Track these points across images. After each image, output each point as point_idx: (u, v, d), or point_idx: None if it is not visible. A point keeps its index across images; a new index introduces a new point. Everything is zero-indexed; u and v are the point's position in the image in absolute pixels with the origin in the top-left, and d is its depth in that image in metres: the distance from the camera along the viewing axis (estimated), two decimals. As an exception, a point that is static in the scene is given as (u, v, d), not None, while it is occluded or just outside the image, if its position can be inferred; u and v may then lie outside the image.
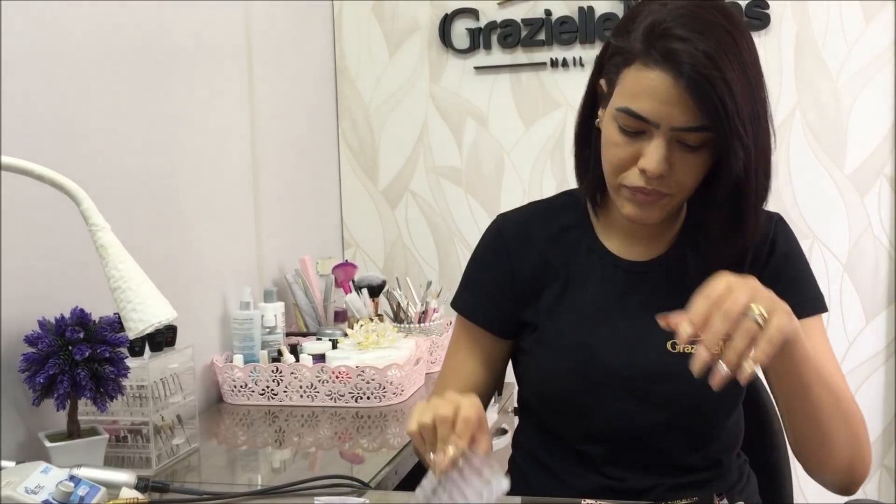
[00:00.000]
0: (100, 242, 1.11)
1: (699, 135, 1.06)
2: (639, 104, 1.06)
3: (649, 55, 1.05)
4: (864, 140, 2.39)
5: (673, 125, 1.05)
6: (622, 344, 1.18)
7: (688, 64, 1.02)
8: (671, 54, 1.03)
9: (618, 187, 1.13)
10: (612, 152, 1.11)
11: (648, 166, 1.07)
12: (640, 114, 1.06)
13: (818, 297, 1.22)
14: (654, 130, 1.07)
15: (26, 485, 1.07)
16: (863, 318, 2.44)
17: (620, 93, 1.09)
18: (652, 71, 1.04)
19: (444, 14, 2.58)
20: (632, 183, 1.11)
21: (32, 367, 1.30)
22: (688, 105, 1.03)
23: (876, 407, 2.47)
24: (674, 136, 1.07)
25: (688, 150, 1.08)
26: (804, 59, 2.41)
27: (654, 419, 1.17)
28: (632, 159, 1.10)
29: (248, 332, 1.93)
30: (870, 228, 2.41)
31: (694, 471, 1.21)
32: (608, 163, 1.13)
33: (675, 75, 1.03)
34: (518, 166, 2.60)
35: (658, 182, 1.09)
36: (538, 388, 1.25)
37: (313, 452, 1.61)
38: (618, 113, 1.09)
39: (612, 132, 1.11)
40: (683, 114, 1.04)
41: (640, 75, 1.06)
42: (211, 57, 1.97)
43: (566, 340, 1.20)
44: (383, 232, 2.72)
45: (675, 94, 1.04)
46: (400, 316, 2.19)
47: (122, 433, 1.47)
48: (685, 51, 1.02)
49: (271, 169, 2.24)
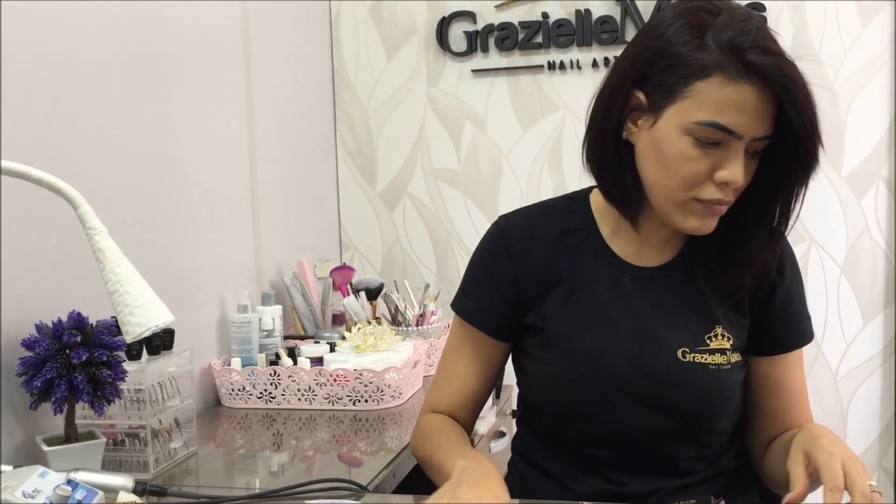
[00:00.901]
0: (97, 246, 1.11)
1: (765, 144, 1.09)
2: (726, 117, 1.05)
3: (734, 67, 1.05)
4: (861, 142, 2.40)
5: (754, 136, 1.07)
6: (630, 350, 1.17)
7: (778, 80, 1.04)
8: (758, 66, 1.04)
9: (686, 202, 1.11)
10: (687, 167, 1.09)
11: (735, 179, 1.07)
12: (728, 127, 1.06)
13: (810, 324, 1.26)
14: (733, 142, 1.07)
15: (24, 489, 1.07)
16: (860, 321, 2.44)
17: (696, 106, 1.06)
18: (739, 84, 1.05)
19: (442, 17, 2.58)
20: (709, 196, 1.09)
21: (30, 370, 1.30)
22: (767, 115, 1.06)
23: (873, 409, 2.47)
24: (748, 147, 1.08)
25: (749, 157, 1.10)
26: (801, 61, 2.39)
27: (661, 425, 1.17)
28: (708, 173, 1.09)
29: (246, 336, 1.93)
30: (867, 231, 2.42)
31: (696, 474, 1.21)
32: (680, 178, 1.10)
33: (762, 86, 1.04)
34: (516, 169, 2.60)
35: (733, 192, 1.10)
36: (543, 392, 1.24)
37: (311, 455, 1.61)
38: (696, 126, 1.07)
39: (685, 146, 1.08)
40: (764, 124, 1.07)
41: (724, 88, 1.05)
42: (209, 61, 1.97)
43: (573, 345, 1.19)
44: (381, 235, 2.72)
45: (761, 107, 1.05)
46: (398, 319, 2.19)
47: (120, 437, 1.47)
48: (772, 63, 1.04)
49: (269, 172, 2.24)
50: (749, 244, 1.16)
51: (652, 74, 1.10)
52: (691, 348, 1.17)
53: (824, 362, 2.46)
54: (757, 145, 1.09)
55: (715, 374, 1.16)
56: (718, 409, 1.18)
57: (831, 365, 2.46)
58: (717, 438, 1.22)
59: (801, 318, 1.25)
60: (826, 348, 2.45)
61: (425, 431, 1.26)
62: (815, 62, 2.40)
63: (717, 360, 1.17)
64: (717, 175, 1.08)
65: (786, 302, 1.22)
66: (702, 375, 1.16)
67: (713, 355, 1.17)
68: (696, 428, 1.18)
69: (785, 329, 1.23)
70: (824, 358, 2.45)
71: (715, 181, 1.09)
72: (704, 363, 1.16)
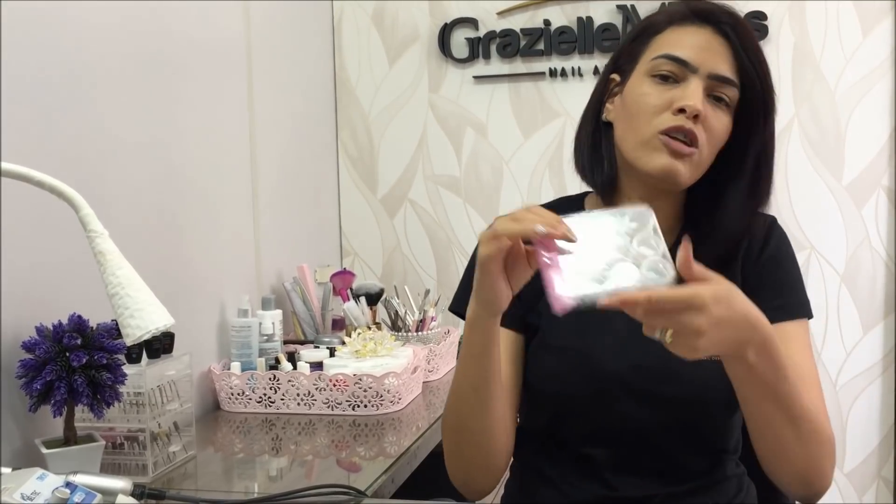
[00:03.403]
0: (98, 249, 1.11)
1: (732, 92, 1.13)
2: (678, 50, 1.13)
3: (684, 18, 1.14)
4: (862, 151, 2.40)
5: (710, 71, 1.12)
6: (623, 346, 1.18)
7: (727, 20, 1.13)
8: (708, 13, 1.13)
9: (651, 138, 1.13)
10: (644, 100, 1.14)
11: (688, 101, 1.10)
12: (679, 56, 1.12)
13: (803, 302, 1.21)
14: (690, 76, 1.12)
15: (22, 491, 1.07)
16: (860, 329, 2.44)
17: (653, 52, 1.15)
18: (691, 26, 1.14)
19: (444, 24, 2.59)
20: (668, 124, 1.12)
21: (29, 373, 1.30)
22: (727, 57, 1.12)
23: (873, 418, 2.47)
24: (708, 87, 1.12)
25: (717, 107, 1.13)
26: (802, 70, 2.42)
27: (657, 420, 1.17)
28: (666, 105, 1.12)
29: (246, 340, 1.93)
30: (867, 239, 2.42)
31: (694, 476, 1.21)
32: (637, 113, 1.14)
33: (717, 29, 1.13)
34: (517, 176, 2.60)
35: (694, 125, 1.11)
36: (539, 390, 1.24)
37: (310, 460, 1.61)
38: (652, 63, 1.14)
39: (644, 85, 1.14)
40: (723, 63, 1.12)
41: (676, 31, 1.15)
42: (211, 66, 1.98)
43: (567, 342, 1.20)
44: (382, 240, 2.72)
45: (715, 44, 1.12)
46: (398, 324, 2.19)
47: (119, 440, 1.47)
48: (721, 11, 1.13)
49: (270, 177, 2.24)
50: (728, 207, 1.17)
51: (619, 57, 1.21)
52: None
53: (824, 371, 2.46)
54: (720, 89, 1.13)
55: (708, 365, 1.12)
56: (712, 402, 1.17)
57: (831, 374, 2.46)
58: (714, 433, 1.21)
59: (789, 290, 1.20)
60: (825, 357, 2.45)
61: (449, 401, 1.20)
62: (815, 71, 2.41)
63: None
64: (675, 104, 1.12)
65: (765, 271, 1.19)
66: (694, 368, 1.11)
67: None
68: (691, 421, 1.18)
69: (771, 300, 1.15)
70: (824, 367, 2.45)
71: (672, 110, 1.12)
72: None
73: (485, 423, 1.14)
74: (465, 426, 1.16)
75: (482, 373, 1.10)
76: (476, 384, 1.11)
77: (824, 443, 1.10)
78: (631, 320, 1.17)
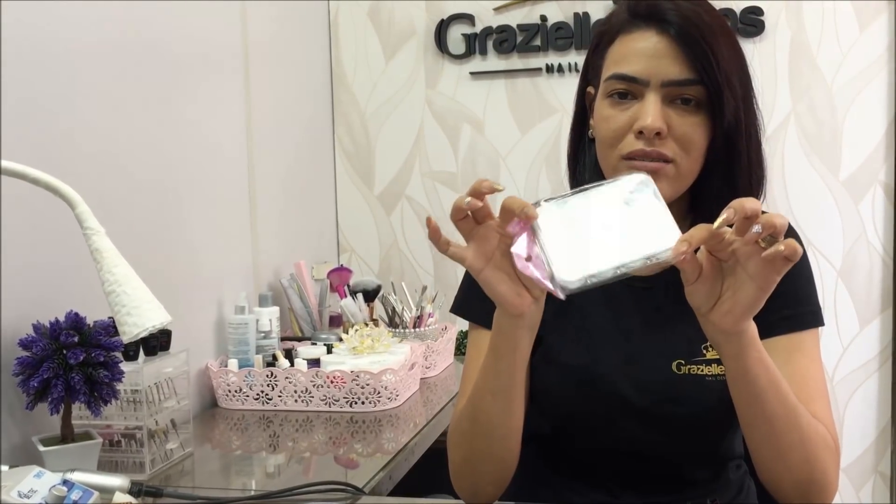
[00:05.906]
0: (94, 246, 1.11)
1: (694, 90, 1.05)
2: (626, 66, 1.06)
3: (632, 22, 1.08)
4: (859, 146, 2.40)
5: (663, 79, 1.04)
6: (625, 364, 1.15)
7: (674, 16, 1.04)
8: (655, 10, 1.06)
9: (617, 164, 1.07)
10: (605, 126, 1.08)
11: (644, 122, 1.03)
12: (628, 74, 1.06)
13: (815, 311, 1.18)
14: (645, 90, 1.05)
15: (19, 489, 1.07)
16: (857, 324, 2.45)
17: (609, 65, 1.09)
18: (636, 31, 1.07)
19: (440, 20, 2.59)
20: (630, 148, 1.05)
21: (27, 370, 1.30)
22: (677, 57, 1.04)
23: (870, 413, 2.47)
24: (667, 94, 1.05)
25: (684, 110, 1.05)
26: (799, 65, 2.42)
27: (658, 438, 1.15)
28: (627, 127, 1.06)
29: (243, 337, 1.93)
30: (864, 235, 2.42)
31: (695, 484, 1.20)
32: (603, 140, 1.09)
33: (660, 30, 1.05)
34: (514, 172, 2.60)
35: (659, 143, 1.04)
36: (541, 404, 1.22)
37: (308, 457, 1.61)
38: (606, 84, 1.08)
39: (603, 108, 1.09)
40: (673, 66, 1.04)
41: (624, 41, 1.08)
42: (208, 63, 1.97)
43: (568, 359, 1.17)
44: (379, 237, 2.72)
45: (661, 48, 1.05)
46: (395, 321, 2.19)
47: (116, 437, 1.47)
48: (669, 7, 1.05)
49: (267, 174, 2.24)
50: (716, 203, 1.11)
51: (588, 69, 1.16)
52: (687, 360, 1.14)
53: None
54: (682, 91, 1.05)
55: (712, 385, 1.12)
56: (716, 423, 1.15)
57: (828, 369, 2.46)
58: (715, 449, 1.20)
59: (803, 299, 1.16)
60: (822, 352, 2.45)
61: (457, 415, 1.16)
62: (812, 67, 2.41)
63: (715, 370, 1.12)
64: (634, 126, 1.06)
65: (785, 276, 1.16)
66: (697, 389, 1.13)
67: (710, 366, 1.13)
68: (693, 439, 1.16)
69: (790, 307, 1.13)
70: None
71: (633, 132, 1.06)
72: (700, 375, 1.13)
73: (503, 431, 1.08)
74: (482, 433, 1.09)
75: (503, 378, 1.04)
76: (495, 389, 1.05)
77: (827, 449, 1.05)
78: (631, 336, 1.15)
